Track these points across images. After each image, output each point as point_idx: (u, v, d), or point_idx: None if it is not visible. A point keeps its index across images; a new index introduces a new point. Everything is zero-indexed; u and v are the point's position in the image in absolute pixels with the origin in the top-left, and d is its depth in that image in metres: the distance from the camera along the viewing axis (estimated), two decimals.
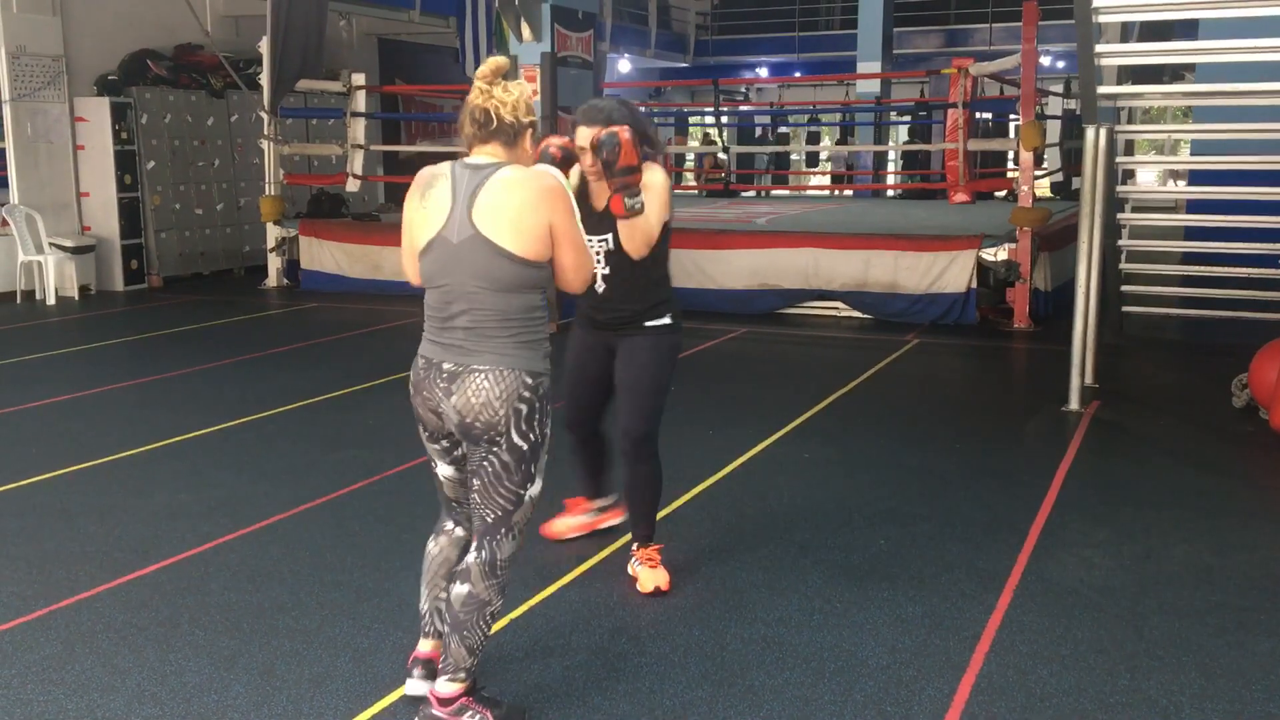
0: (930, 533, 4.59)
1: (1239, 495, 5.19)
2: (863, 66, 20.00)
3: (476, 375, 2.91)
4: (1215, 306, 8.21)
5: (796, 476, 5.35)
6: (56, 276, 11.15)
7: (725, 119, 17.81)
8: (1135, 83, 10.79)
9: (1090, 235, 6.63)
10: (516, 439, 2.92)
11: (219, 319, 10.12)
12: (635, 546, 4.10)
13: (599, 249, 3.87)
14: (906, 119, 19.96)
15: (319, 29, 11.91)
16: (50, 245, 11.20)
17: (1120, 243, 8.14)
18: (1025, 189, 9.42)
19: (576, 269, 3.02)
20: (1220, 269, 8.14)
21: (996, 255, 9.34)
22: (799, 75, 24.98)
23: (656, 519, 4.13)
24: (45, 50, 11.32)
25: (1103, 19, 7.16)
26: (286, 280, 12.19)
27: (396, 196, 15.10)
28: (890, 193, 18.27)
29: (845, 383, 7.33)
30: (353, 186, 12.65)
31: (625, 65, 23.74)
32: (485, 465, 2.96)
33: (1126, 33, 10.75)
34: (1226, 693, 3.27)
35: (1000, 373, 8.28)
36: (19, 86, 11.09)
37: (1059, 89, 18.79)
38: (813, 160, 22.98)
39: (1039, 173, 12.02)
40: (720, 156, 17.55)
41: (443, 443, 3.14)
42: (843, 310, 9.91)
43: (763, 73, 25.67)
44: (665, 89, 25.96)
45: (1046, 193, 16.70)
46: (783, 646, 3.57)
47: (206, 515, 4.81)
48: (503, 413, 2.89)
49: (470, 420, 2.92)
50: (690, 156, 20.44)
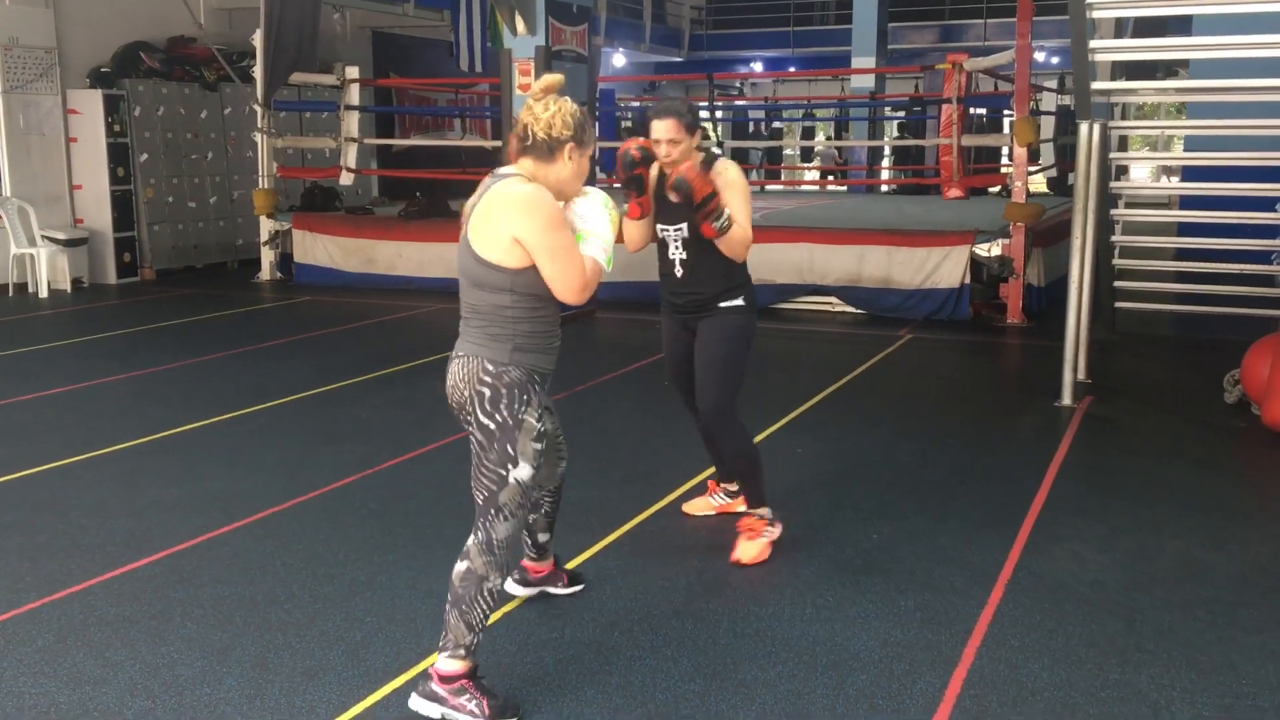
0: (923, 527, 4.59)
1: (1230, 490, 5.20)
2: (857, 62, 19.99)
3: (456, 360, 3.23)
4: (1208, 302, 8.23)
5: (789, 471, 5.35)
6: (49, 269, 11.12)
7: (720, 114, 17.78)
8: (1129, 79, 10.81)
9: (1083, 231, 6.64)
10: (483, 418, 3.14)
11: (212, 312, 10.10)
12: (741, 516, 4.33)
13: (675, 237, 4.16)
14: (901, 114, 19.96)
15: (313, 22, 11.88)
16: (42, 238, 11.17)
17: (1113, 238, 8.15)
18: (1019, 185, 9.43)
19: (555, 279, 3.12)
20: (1213, 265, 8.16)
21: (990, 251, 9.35)
22: (793, 70, 24.97)
23: (762, 483, 4.30)
24: (37, 42, 11.28)
25: (1097, 14, 7.17)
26: (280, 274, 12.18)
27: (390, 190, 15.12)
28: (884, 188, 18.28)
29: (839, 378, 7.34)
30: (346, 180, 12.65)
31: (620, 59, 23.70)
32: (471, 445, 3.19)
33: (1120, 28, 10.77)
34: (1217, 686, 3.28)
35: (993, 368, 8.29)
36: (11, 78, 11.06)
37: (1053, 85, 18.81)
38: (807, 155, 22.97)
39: (1033, 168, 12.03)
40: (714, 151, 17.51)
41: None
42: (836, 305, 9.92)
43: (757, 67, 25.65)
44: (659, 83, 25.93)
45: (1042, 188, 16.72)
46: (775, 640, 3.57)
47: (199, 509, 4.80)
48: (467, 394, 3.16)
49: (451, 400, 3.22)
50: None
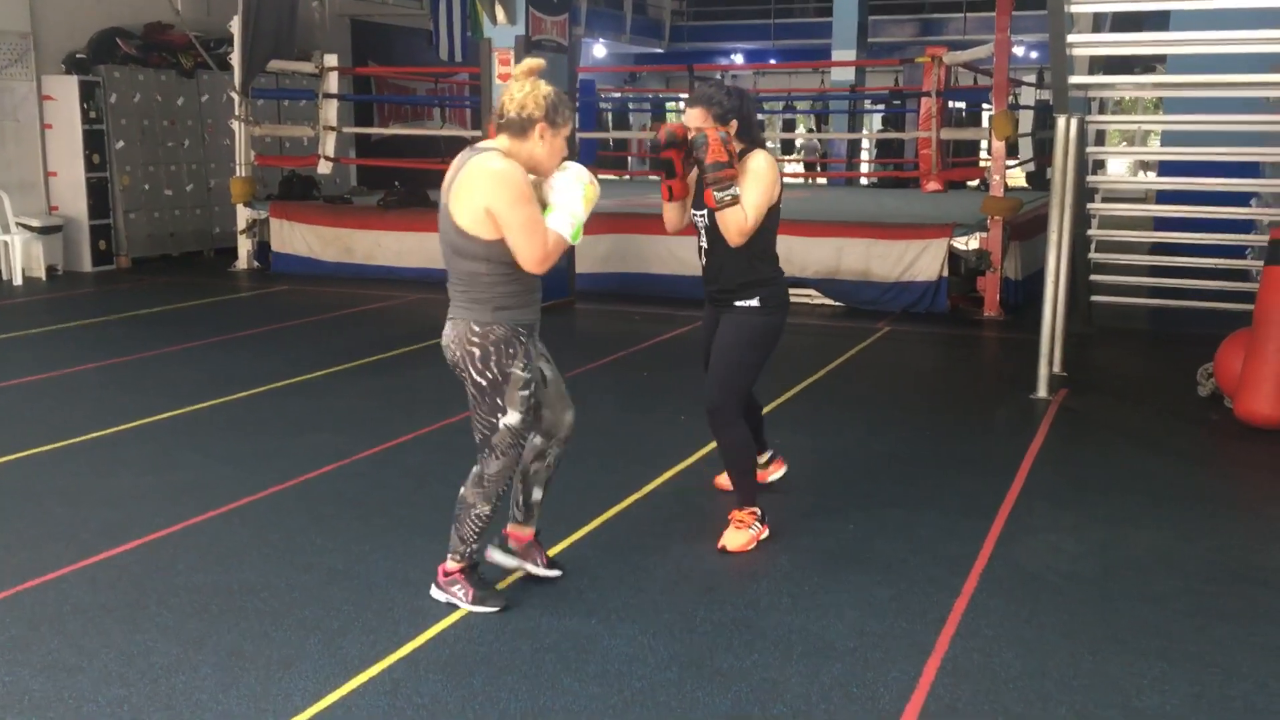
0: (899, 518, 4.62)
1: (1203, 482, 5.25)
2: (837, 54, 20.02)
3: (448, 323, 3.58)
4: (1182, 296, 8.29)
5: None
6: (23, 257, 11.03)
7: None
8: (1107, 73, 10.87)
9: (1060, 225, 6.68)
10: (475, 375, 3.52)
11: (188, 301, 10.04)
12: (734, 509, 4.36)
13: (701, 224, 4.19)
14: (881, 107, 20.01)
15: (291, 9, 11.81)
16: (17, 225, 11.07)
17: (1090, 232, 8.20)
18: (997, 178, 9.47)
19: (519, 250, 3.40)
20: (1188, 260, 8.22)
21: (968, 244, 9.39)
22: (774, 62, 24.98)
23: (752, 483, 4.35)
24: (12, 27, 11.17)
25: (1075, 9, 7.20)
26: (257, 263, 12.11)
27: (369, 179, 15.04)
28: (864, 181, 18.33)
29: (817, 369, 7.36)
30: (324, 169, 12.57)
31: (601, 50, 23.67)
32: (468, 395, 3.59)
33: (1099, 23, 10.81)
34: (1187, 675, 3.31)
35: (970, 361, 8.34)
36: None
37: (1032, 79, 18.89)
38: (788, 147, 23.00)
39: (1011, 162, 12.09)
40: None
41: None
42: (815, 298, 9.94)
43: (738, 59, 25.67)
44: (640, 75, 25.91)
45: (1020, 183, 16.80)
46: (752, 629, 3.59)
47: (175, 497, 4.78)
48: (459, 354, 3.53)
49: (448, 358, 3.59)
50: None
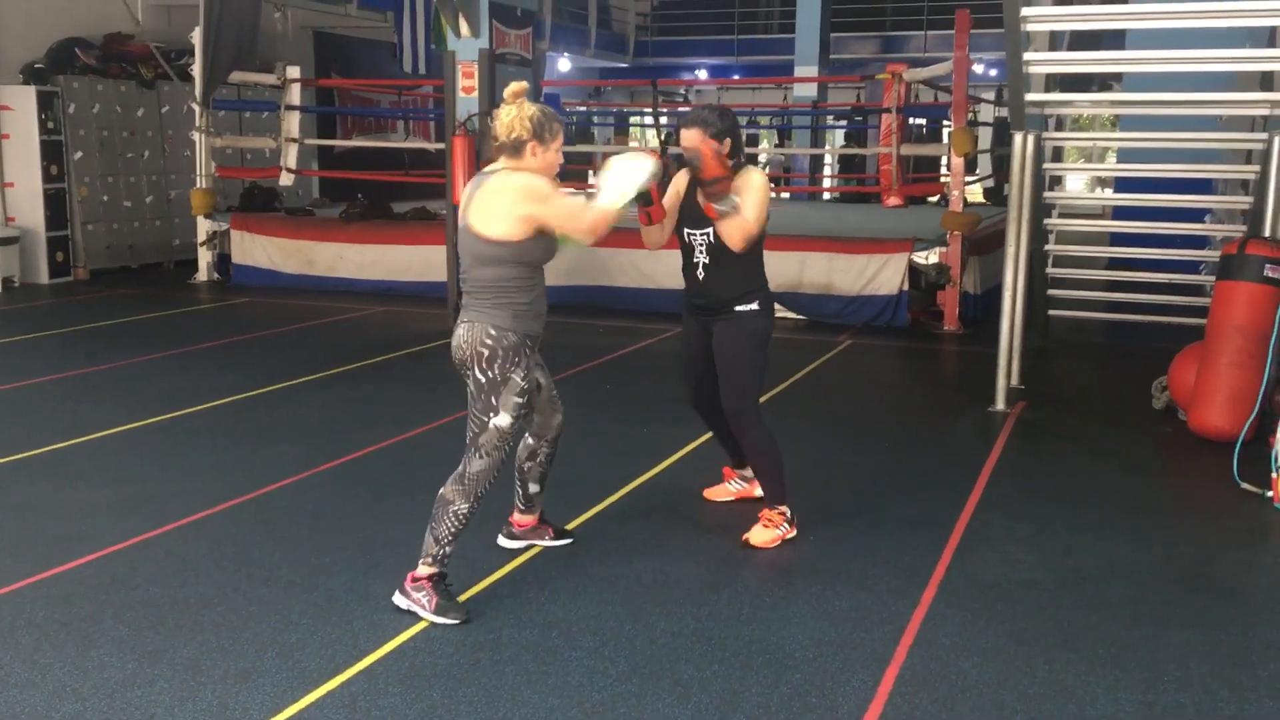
0: (858, 529, 4.65)
1: (1157, 493, 5.33)
2: (800, 70, 20.14)
3: (462, 325, 3.81)
4: (1138, 311, 8.41)
5: None
6: None
7: (665, 120, 17.95)
8: (1064, 91, 11.02)
9: (1018, 240, 6.76)
10: (478, 374, 3.77)
11: (147, 313, 9.94)
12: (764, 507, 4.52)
13: (701, 242, 4.38)
14: (843, 123, 20.16)
15: (253, 20, 11.75)
16: None
17: (1047, 248, 8.31)
18: (956, 194, 9.58)
19: (568, 226, 3.75)
20: (1144, 274, 8.34)
21: (928, 259, 9.49)
22: (738, 78, 25.11)
23: (781, 482, 4.48)
24: None
25: (1031, 28, 7.31)
26: (217, 275, 12.02)
27: (331, 191, 14.97)
28: (825, 196, 18.44)
29: (779, 382, 7.40)
30: (286, 180, 12.49)
31: (565, 64, 23.69)
32: (468, 392, 3.82)
33: (1056, 42, 10.97)
34: (1140, 683, 3.36)
35: (930, 374, 8.41)
36: None
37: (991, 96, 19.10)
38: (751, 162, 23.10)
39: (970, 178, 12.22)
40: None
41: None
42: (778, 311, 9.98)
43: (702, 74, 25.77)
44: (605, 89, 25.96)
45: (979, 198, 16.98)
46: (711, 640, 3.60)
47: (131, 510, 4.73)
48: (469, 353, 3.77)
49: (456, 357, 3.83)
50: None
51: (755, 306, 4.40)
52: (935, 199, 14.58)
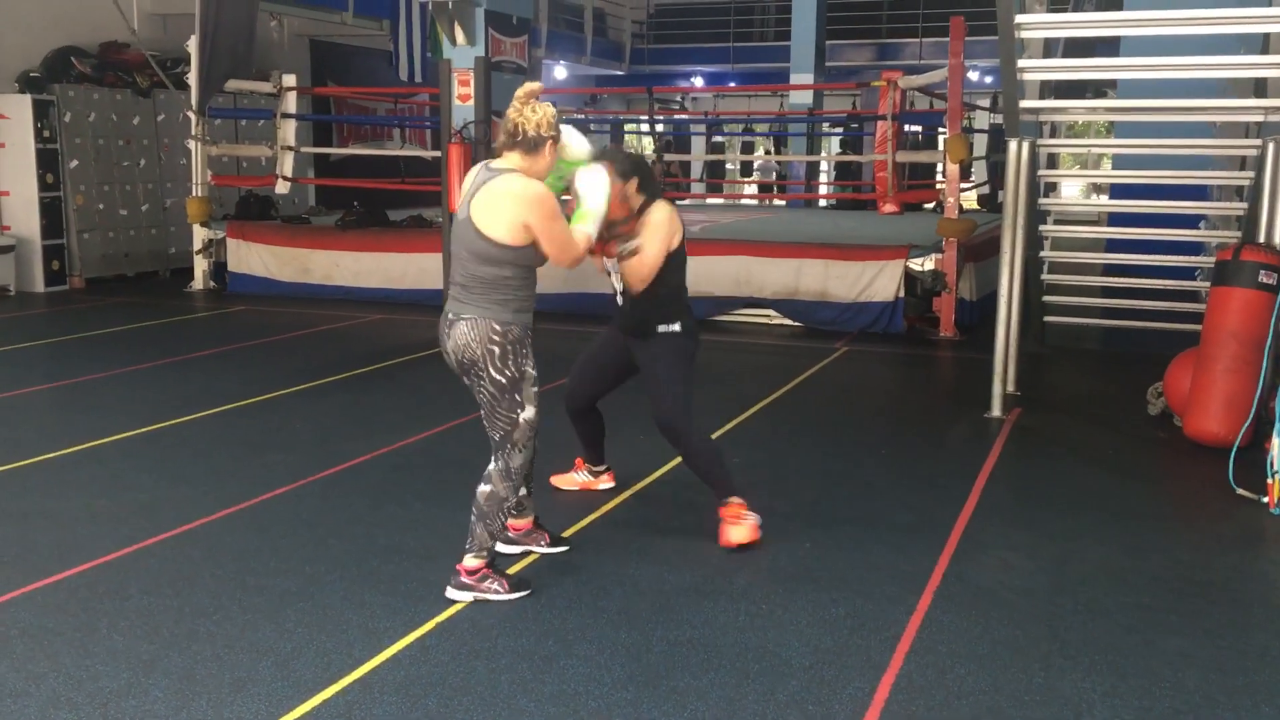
0: (855, 536, 4.65)
1: (1153, 499, 5.33)
2: (795, 78, 20.18)
3: (462, 323, 3.79)
4: (1133, 317, 8.42)
5: None
6: None
7: (660, 127, 17.92)
8: (1059, 98, 11.04)
9: (1013, 246, 6.77)
10: (494, 374, 3.79)
11: (142, 321, 9.93)
12: (719, 507, 4.54)
13: (614, 268, 4.46)
14: (839, 130, 20.18)
15: (249, 29, 11.76)
16: None
17: (1042, 254, 8.31)
18: (951, 201, 9.59)
19: (554, 254, 3.84)
20: (1139, 281, 8.34)
21: (924, 265, 9.49)
22: (733, 85, 25.14)
23: (728, 476, 4.55)
24: None
25: (1025, 35, 7.32)
26: (213, 283, 12.01)
27: (327, 199, 14.97)
28: (822, 203, 18.46)
29: (775, 389, 7.40)
30: (282, 189, 12.50)
31: (561, 72, 23.71)
32: (480, 395, 3.86)
33: (1050, 49, 10.99)
34: (1136, 690, 3.36)
35: (925, 380, 8.41)
36: None
37: (986, 103, 19.13)
38: (747, 170, 23.14)
39: (965, 185, 12.23)
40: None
41: (463, 378, 3.95)
42: (774, 318, 10.00)
43: (698, 82, 25.81)
44: (600, 97, 25.98)
45: (974, 205, 16.99)
46: (708, 648, 3.60)
47: (125, 519, 4.72)
48: (480, 352, 3.77)
49: (459, 358, 3.82)
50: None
51: (676, 328, 4.48)
52: (931, 206, 14.61)
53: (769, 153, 23.63)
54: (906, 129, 15.93)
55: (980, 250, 10.06)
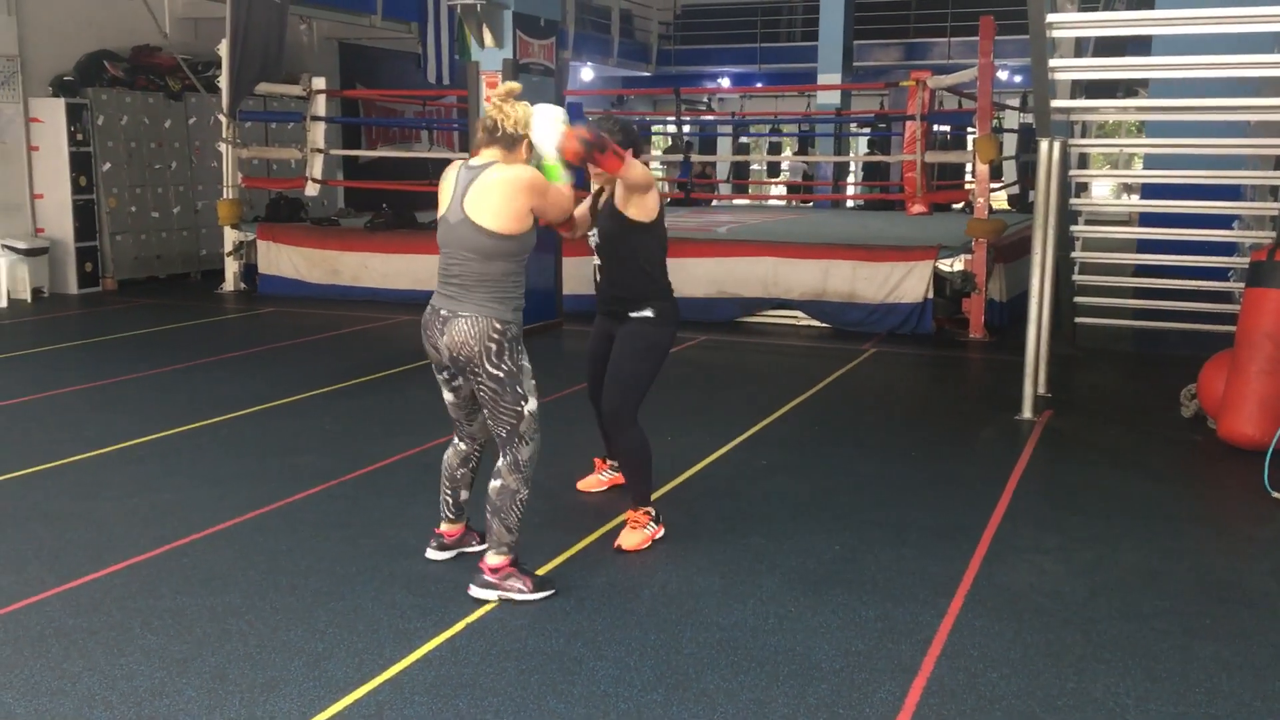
0: (884, 538, 4.63)
1: (1186, 503, 5.28)
2: (823, 78, 20.12)
3: (460, 320, 3.83)
4: (1166, 318, 8.35)
5: (753, 483, 5.38)
6: (9, 279, 11.00)
7: (687, 128, 17.88)
8: (1089, 98, 10.96)
9: (1044, 247, 6.72)
10: (492, 369, 3.82)
11: (174, 323, 10.02)
12: (629, 509, 4.58)
13: (594, 243, 4.56)
14: (866, 130, 20.11)
15: (279, 32, 11.83)
16: (3, 247, 11.04)
17: (1073, 255, 8.26)
18: (981, 201, 9.53)
19: (554, 217, 4.06)
20: (1171, 281, 8.27)
21: (953, 266, 9.44)
22: (760, 86, 25.09)
23: (647, 484, 4.58)
24: (0, 50, 11.18)
25: (1056, 34, 7.28)
26: (244, 285, 12.10)
27: (356, 201, 15.06)
28: (849, 203, 18.39)
29: (803, 391, 7.38)
30: (312, 191, 12.59)
31: (588, 73, 23.73)
32: (481, 392, 3.89)
33: (1081, 48, 10.92)
34: (1170, 695, 3.33)
35: (955, 382, 8.37)
36: None
37: (1015, 103, 19.02)
38: (774, 170, 23.09)
39: (995, 185, 12.16)
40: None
41: (444, 374, 4.08)
42: (801, 319, 9.98)
43: (725, 83, 25.78)
44: (627, 98, 26.00)
45: (1004, 205, 16.90)
46: (737, 650, 3.59)
47: (159, 519, 4.76)
48: (477, 349, 3.80)
49: (455, 354, 3.85)
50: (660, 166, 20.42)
51: (649, 314, 4.47)
52: (960, 206, 14.54)
53: (795, 153, 23.57)
54: (935, 129, 15.87)
55: (1010, 251, 9.99)
